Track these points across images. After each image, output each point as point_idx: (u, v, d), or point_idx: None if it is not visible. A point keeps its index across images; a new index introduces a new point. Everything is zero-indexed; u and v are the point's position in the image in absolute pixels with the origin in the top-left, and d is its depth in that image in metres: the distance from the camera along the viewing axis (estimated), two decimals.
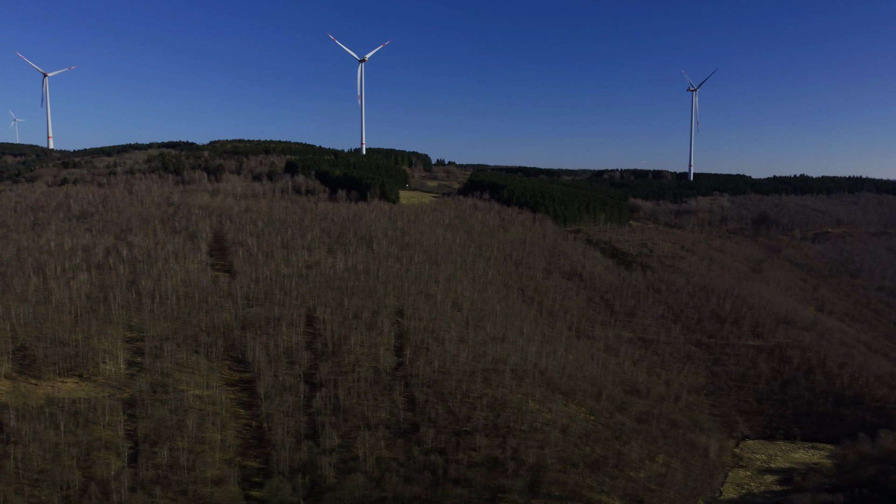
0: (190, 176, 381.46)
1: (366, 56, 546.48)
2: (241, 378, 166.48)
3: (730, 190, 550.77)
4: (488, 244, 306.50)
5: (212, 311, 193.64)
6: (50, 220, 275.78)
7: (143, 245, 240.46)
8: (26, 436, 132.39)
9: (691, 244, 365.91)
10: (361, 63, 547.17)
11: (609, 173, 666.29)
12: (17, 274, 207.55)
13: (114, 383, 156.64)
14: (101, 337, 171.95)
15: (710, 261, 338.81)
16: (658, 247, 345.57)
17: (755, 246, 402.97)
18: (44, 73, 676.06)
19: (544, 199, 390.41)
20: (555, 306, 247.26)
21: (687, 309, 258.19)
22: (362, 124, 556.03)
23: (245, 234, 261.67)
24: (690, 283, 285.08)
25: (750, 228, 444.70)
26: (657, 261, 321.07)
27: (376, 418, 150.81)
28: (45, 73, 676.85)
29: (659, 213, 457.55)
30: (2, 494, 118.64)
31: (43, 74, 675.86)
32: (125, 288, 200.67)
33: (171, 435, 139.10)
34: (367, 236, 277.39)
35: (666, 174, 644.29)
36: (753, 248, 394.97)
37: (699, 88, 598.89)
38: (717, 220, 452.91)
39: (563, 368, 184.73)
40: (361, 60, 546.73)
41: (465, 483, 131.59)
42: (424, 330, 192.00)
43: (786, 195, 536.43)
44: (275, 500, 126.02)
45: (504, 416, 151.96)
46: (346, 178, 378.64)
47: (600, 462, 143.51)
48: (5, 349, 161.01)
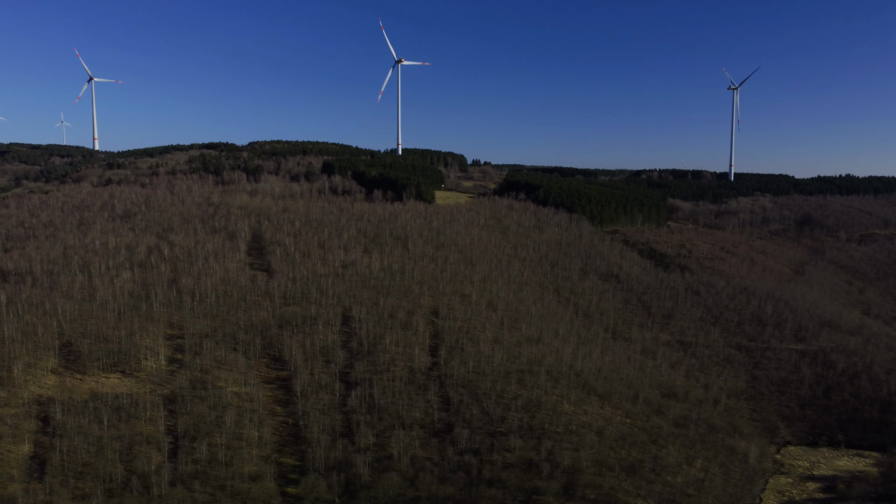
0: (229, 176, 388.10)
1: (402, 59, 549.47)
2: (278, 376, 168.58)
3: (772, 190, 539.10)
4: (524, 245, 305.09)
5: (250, 309, 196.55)
6: (95, 219, 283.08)
7: (184, 244, 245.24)
8: (71, 429, 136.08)
9: (732, 245, 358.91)
10: (397, 64, 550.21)
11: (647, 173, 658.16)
12: (64, 272, 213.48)
13: (155, 379, 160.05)
14: (143, 334, 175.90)
15: (751, 262, 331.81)
16: (697, 248, 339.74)
17: (798, 247, 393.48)
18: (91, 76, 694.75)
19: (581, 200, 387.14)
20: (591, 307, 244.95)
21: (727, 311, 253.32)
22: (398, 125, 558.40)
23: (283, 234, 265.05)
24: (730, 285, 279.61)
25: (793, 230, 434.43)
26: (696, 262, 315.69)
27: (411, 418, 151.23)
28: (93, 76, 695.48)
29: (698, 213, 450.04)
30: (48, 486, 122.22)
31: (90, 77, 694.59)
32: (166, 286, 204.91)
33: (210, 431, 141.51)
34: (402, 236, 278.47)
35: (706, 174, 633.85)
36: (796, 250, 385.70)
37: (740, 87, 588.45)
38: (759, 221, 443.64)
39: (599, 370, 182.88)
40: (398, 61, 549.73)
41: (500, 484, 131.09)
42: (459, 330, 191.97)
43: (830, 195, 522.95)
44: (310, 496, 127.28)
45: (539, 418, 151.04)
46: (382, 179, 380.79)
47: (637, 466, 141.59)
48: (52, 345, 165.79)
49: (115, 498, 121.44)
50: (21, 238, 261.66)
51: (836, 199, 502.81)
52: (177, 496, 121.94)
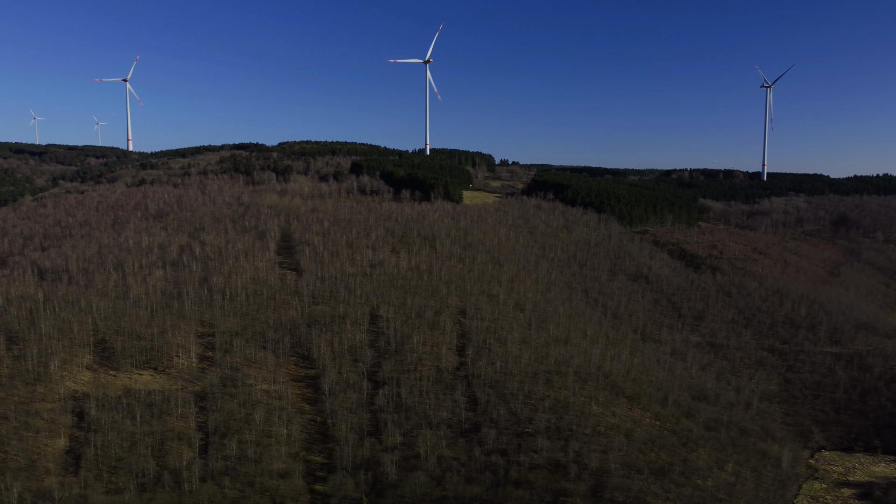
0: (259, 176, 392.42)
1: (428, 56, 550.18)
2: (307, 374, 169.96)
3: (806, 190, 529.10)
4: (552, 245, 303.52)
5: (279, 308, 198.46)
6: (129, 218, 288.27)
7: (215, 243, 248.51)
8: (105, 425, 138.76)
9: (764, 246, 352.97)
10: (426, 64, 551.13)
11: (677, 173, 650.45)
12: (99, 270, 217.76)
13: (186, 376, 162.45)
14: (175, 332, 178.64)
15: (785, 263, 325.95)
16: (729, 248, 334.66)
17: (833, 248, 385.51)
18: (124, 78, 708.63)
19: (610, 200, 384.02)
20: (620, 308, 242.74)
21: (759, 313, 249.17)
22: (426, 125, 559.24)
23: (311, 234, 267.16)
24: (763, 286, 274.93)
25: (828, 230, 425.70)
26: (727, 263, 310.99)
27: (438, 417, 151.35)
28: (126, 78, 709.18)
29: (730, 213, 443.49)
30: (83, 480, 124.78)
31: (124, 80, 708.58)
32: (198, 285, 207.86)
33: (240, 428, 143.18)
34: (430, 236, 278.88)
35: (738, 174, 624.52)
36: (831, 251, 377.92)
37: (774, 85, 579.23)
38: (793, 221, 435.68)
39: (628, 372, 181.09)
40: (426, 62, 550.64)
41: (527, 485, 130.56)
42: (487, 330, 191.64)
43: (867, 195, 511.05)
44: (338, 494, 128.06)
45: (567, 419, 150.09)
46: (409, 179, 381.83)
47: (666, 469, 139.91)
48: (87, 342, 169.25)
49: (147, 492, 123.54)
50: (58, 237, 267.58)
51: (873, 199, 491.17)
52: (207, 492, 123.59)
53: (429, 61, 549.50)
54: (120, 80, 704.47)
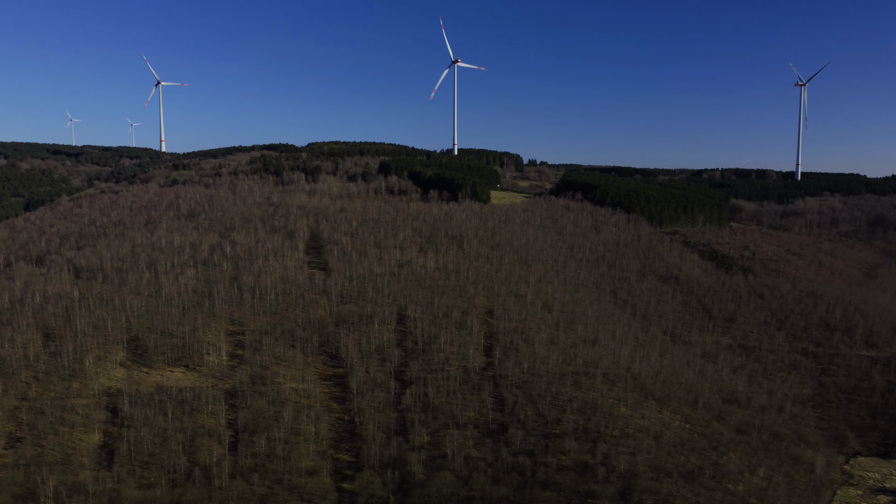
0: (289, 177, 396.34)
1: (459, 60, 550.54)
2: (335, 373, 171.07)
3: (842, 190, 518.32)
4: (580, 245, 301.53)
5: (308, 307, 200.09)
6: (161, 218, 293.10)
7: (245, 243, 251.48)
8: (138, 420, 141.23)
9: (798, 247, 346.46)
10: (454, 64, 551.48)
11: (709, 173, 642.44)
12: (132, 269, 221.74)
13: (217, 374, 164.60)
14: (206, 330, 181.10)
15: (819, 265, 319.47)
16: (761, 249, 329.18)
17: (870, 250, 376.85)
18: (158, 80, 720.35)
19: (639, 200, 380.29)
20: (649, 310, 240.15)
21: (792, 315, 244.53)
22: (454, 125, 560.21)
23: (340, 234, 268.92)
24: (797, 288, 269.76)
25: (864, 231, 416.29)
26: (760, 264, 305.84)
27: (465, 417, 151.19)
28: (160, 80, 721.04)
29: (763, 214, 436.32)
30: (116, 474, 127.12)
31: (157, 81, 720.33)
32: (228, 283, 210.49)
33: (269, 425, 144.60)
34: (457, 236, 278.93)
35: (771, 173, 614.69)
36: (868, 253, 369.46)
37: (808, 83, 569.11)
38: (828, 222, 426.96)
39: (657, 374, 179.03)
40: (454, 62, 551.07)
41: (554, 486, 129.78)
42: (514, 331, 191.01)
43: None
44: (365, 493, 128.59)
45: (594, 421, 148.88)
46: (437, 179, 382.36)
47: (696, 472, 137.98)
48: (121, 339, 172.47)
49: (178, 488, 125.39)
50: (93, 236, 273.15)
51: None
52: (237, 488, 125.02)
53: (456, 61, 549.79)
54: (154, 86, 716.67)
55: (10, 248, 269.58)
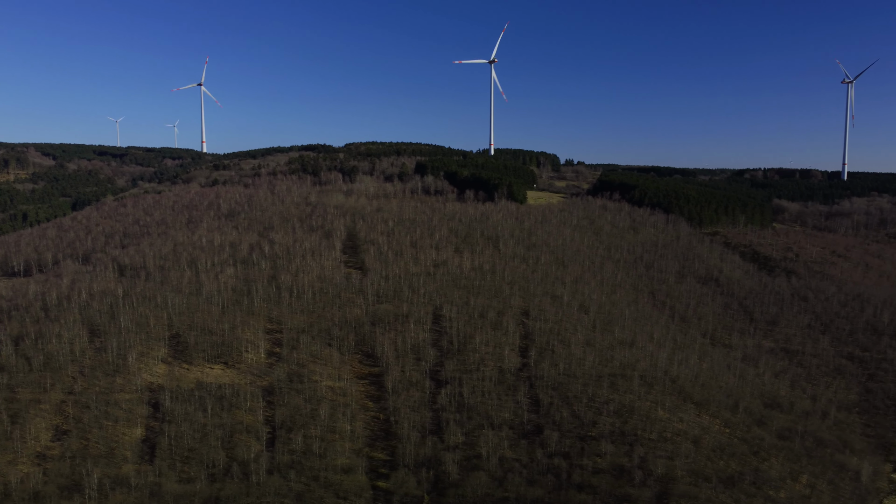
0: (326, 177, 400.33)
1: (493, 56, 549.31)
2: (371, 372, 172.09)
3: (890, 190, 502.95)
4: (618, 246, 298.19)
5: (344, 306, 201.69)
6: (202, 218, 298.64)
7: (283, 242, 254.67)
8: (179, 416, 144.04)
9: (844, 249, 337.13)
10: (491, 64, 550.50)
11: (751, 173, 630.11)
12: (174, 267, 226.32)
13: (255, 371, 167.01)
14: (245, 328, 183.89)
15: (866, 267, 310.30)
16: (805, 251, 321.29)
17: None
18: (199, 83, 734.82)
19: (678, 200, 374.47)
20: (688, 312, 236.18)
21: (838, 319, 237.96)
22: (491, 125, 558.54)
23: (376, 233, 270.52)
24: (842, 290, 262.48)
25: None
26: (804, 266, 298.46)
27: (500, 418, 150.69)
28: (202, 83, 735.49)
29: (807, 215, 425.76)
30: (157, 468, 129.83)
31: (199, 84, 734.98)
32: (266, 282, 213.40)
33: (305, 423, 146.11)
34: (493, 236, 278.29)
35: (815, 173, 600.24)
36: None
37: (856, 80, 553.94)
38: (875, 222, 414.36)
39: (696, 377, 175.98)
40: (491, 62, 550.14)
41: (590, 489, 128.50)
42: (550, 332, 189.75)
43: None
44: (400, 491, 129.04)
45: (631, 424, 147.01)
46: (473, 179, 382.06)
47: (735, 478, 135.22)
48: (163, 336, 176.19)
49: (216, 483, 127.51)
50: (136, 235, 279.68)
51: None
52: (274, 484, 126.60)
53: (494, 61, 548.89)
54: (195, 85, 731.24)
55: (59, 246, 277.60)
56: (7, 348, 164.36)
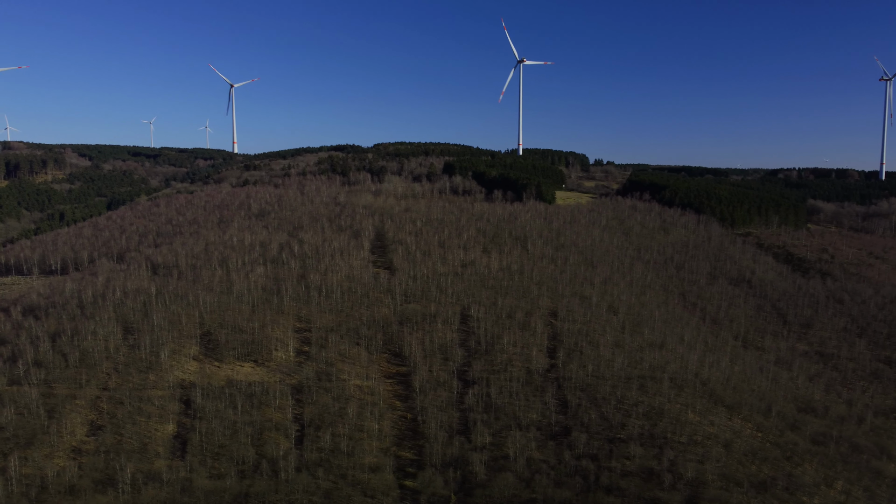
0: (355, 177, 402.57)
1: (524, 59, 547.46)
2: (398, 371, 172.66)
3: None
4: (647, 247, 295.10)
5: (372, 305, 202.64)
6: (233, 217, 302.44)
7: (312, 242, 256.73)
8: (209, 413, 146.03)
9: (882, 250, 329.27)
10: (519, 64, 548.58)
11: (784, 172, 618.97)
12: (205, 266, 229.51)
13: (284, 369, 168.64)
14: (274, 326, 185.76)
15: None
16: (841, 252, 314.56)
17: None
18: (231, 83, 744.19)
19: (710, 200, 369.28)
20: (719, 314, 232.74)
21: (875, 322, 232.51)
22: (520, 125, 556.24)
23: (404, 233, 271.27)
24: (880, 293, 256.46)
25: None
26: (839, 268, 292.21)
27: (527, 419, 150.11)
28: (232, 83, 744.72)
29: (843, 215, 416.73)
30: (189, 464, 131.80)
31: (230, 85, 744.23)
32: (296, 281, 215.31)
33: (334, 421, 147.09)
34: (521, 237, 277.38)
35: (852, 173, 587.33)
36: None
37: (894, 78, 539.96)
38: None
39: (728, 380, 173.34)
40: (520, 61, 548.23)
41: (618, 492, 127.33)
42: (578, 332, 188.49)
43: None
44: (427, 491, 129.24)
45: (661, 426, 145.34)
46: (502, 179, 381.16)
47: (768, 483, 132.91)
48: (194, 333, 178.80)
49: (246, 479, 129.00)
50: (169, 234, 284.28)
51: None
52: (302, 482, 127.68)
53: (522, 61, 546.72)
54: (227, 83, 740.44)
55: (94, 245, 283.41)
56: (44, 344, 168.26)
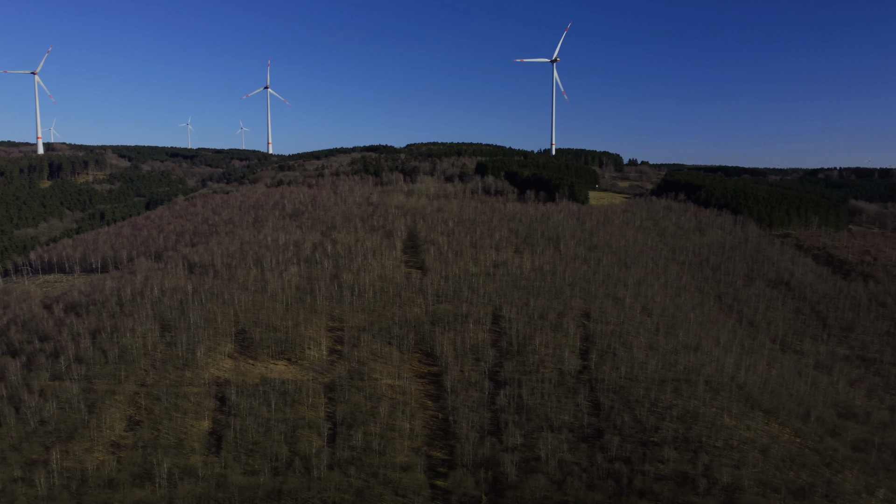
0: (388, 177, 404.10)
1: (556, 55, 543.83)
2: (430, 371, 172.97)
3: None
4: (682, 247, 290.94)
5: (404, 305, 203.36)
6: (268, 217, 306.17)
7: (345, 241, 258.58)
8: (244, 410, 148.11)
9: None
10: (553, 63, 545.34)
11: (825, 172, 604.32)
12: (240, 265, 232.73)
13: (317, 368, 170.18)
14: (307, 325, 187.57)
15: None
16: (884, 254, 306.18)
17: None
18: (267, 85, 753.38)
19: (747, 201, 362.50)
20: (756, 316, 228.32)
21: None
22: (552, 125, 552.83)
23: (436, 233, 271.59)
24: None
25: None
26: (882, 270, 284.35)
27: (559, 420, 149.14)
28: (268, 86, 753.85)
29: (886, 216, 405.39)
30: (223, 460, 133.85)
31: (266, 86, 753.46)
32: (329, 281, 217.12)
33: (365, 420, 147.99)
34: (554, 237, 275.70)
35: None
36: None
37: None
38: None
39: (765, 384, 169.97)
40: (553, 61, 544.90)
41: (651, 496, 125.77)
42: (611, 334, 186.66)
43: None
44: (458, 491, 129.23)
45: (696, 430, 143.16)
46: (534, 179, 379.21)
47: (806, 490, 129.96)
48: (229, 331, 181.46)
49: (279, 476, 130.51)
50: (205, 234, 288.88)
51: None
52: (334, 479, 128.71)
53: (556, 60, 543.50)
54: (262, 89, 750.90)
55: (133, 244, 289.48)
56: (85, 341, 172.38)
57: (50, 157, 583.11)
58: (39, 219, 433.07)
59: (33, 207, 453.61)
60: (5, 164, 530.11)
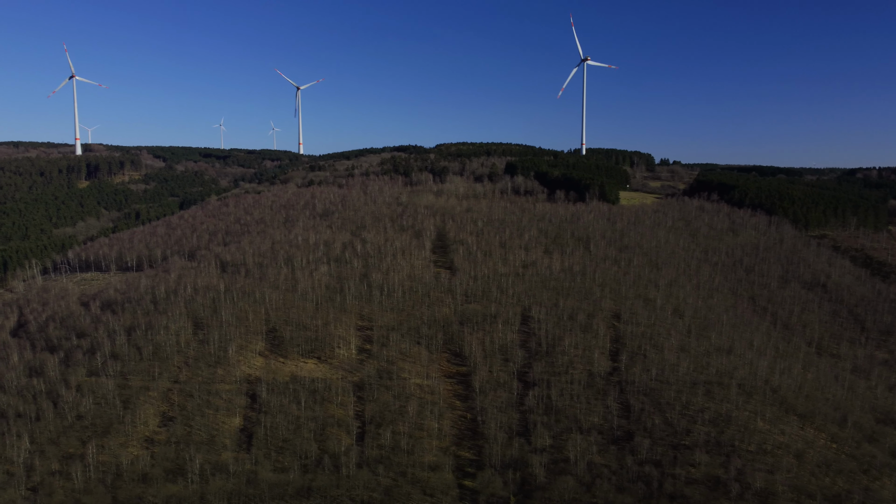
0: (417, 177, 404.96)
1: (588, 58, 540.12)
2: (458, 371, 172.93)
3: None
4: (715, 248, 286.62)
5: (433, 305, 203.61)
6: (298, 217, 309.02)
7: (375, 241, 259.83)
8: (274, 407, 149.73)
9: None
10: (583, 62, 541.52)
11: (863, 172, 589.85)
12: (272, 264, 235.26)
13: (346, 367, 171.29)
14: (337, 324, 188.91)
15: None
16: None
17: None
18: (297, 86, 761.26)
19: (782, 201, 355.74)
20: (791, 319, 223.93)
21: None
22: (583, 124, 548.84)
23: (465, 233, 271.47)
24: None
25: None
26: None
27: (589, 422, 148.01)
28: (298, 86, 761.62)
29: None
30: (254, 457, 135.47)
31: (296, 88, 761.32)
32: (358, 280, 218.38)
33: (394, 419, 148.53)
34: (584, 237, 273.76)
35: None
36: None
37: None
38: None
39: (800, 388, 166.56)
40: (584, 60, 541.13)
41: (682, 500, 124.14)
42: (642, 336, 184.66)
43: None
44: (486, 491, 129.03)
45: (728, 434, 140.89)
46: (564, 179, 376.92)
47: (843, 496, 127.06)
48: (260, 330, 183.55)
49: (309, 473, 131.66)
50: (237, 233, 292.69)
51: None
52: (363, 478, 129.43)
53: (585, 60, 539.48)
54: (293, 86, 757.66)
55: (167, 243, 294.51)
56: (120, 338, 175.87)
57: (87, 157, 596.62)
58: (77, 218, 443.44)
59: (71, 207, 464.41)
60: (45, 165, 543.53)
